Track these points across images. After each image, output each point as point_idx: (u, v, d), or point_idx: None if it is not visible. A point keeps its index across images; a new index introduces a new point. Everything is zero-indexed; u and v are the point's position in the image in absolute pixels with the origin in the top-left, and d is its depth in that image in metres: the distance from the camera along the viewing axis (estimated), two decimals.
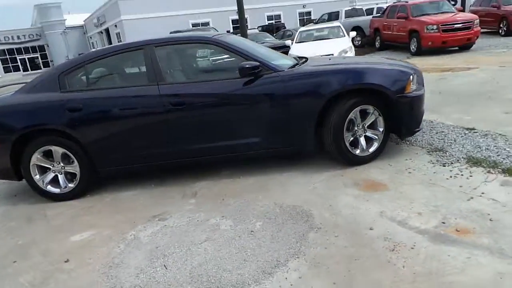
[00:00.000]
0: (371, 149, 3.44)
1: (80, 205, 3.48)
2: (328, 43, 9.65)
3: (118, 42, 28.28)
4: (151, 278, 2.24)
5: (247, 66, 3.18)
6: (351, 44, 9.44)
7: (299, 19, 34.70)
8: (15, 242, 2.95)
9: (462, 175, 2.96)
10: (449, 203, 2.58)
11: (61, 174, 3.58)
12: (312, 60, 3.94)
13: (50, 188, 3.59)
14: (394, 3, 15.26)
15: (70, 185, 3.58)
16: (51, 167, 3.55)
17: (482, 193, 2.64)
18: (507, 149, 3.28)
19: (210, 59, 3.96)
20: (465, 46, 10.16)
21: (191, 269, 2.27)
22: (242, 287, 2.05)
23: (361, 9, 19.62)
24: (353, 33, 10.31)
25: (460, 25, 9.95)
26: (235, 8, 12.14)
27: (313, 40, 10.21)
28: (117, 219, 3.10)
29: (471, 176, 2.92)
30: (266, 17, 34.73)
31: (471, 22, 10.13)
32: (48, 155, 3.51)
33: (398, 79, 3.30)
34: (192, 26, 28.47)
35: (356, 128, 3.38)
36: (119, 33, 31.77)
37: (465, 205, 2.52)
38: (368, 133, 3.43)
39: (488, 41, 11.12)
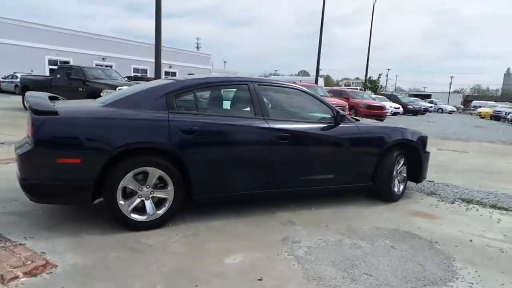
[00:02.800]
0: (401, 189, 4.50)
1: (173, 233, 3.18)
2: None
3: None
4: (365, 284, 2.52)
5: (342, 114, 3.89)
6: None
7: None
8: (157, 269, 2.56)
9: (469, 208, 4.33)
10: (486, 224, 3.81)
11: (148, 199, 3.23)
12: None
13: (133, 215, 3.16)
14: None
15: (158, 212, 3.24)
16: (138, 191, 3.18)
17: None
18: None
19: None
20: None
21: (392, 271, 2.66)
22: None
23: None
24: None
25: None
26: (100, 53, 12.45)
27: None
28: (243, 244, 3.06)
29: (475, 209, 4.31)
30: (132, 69, 34.44)
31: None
32: (138, 177, 3.17)
33: (423, 140, 4.59)
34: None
35: (395, 173, 4.41)
36: None
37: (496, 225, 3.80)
38: (399, 177, 4.51)
39: None
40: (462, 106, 50.25)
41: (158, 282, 2.40)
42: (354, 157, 4.08)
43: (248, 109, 3.70)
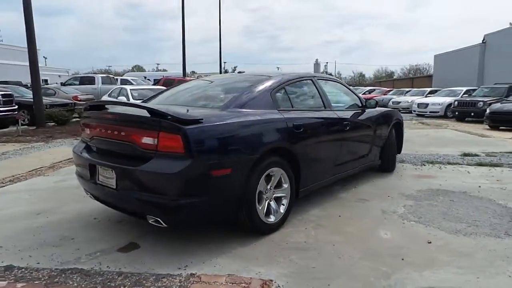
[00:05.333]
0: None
1: (301, 227, 3.27)
2: None
3: None
4: None
5: (365, 100, 4.57)
6: None
7: None
8: (343, 258, 2.70)
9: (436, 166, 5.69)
10: (466, 175, 5.16)
11: (272, 200, 3.21)
12: None
13: (267, 218, 3.11)
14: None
15: (280, 211, 3.25)
16: (265, 193, 3.13)
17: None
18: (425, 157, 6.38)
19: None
20: None
21: (469, 214, 3.50)
22: None
23: (115, 78, 20.33)
24: None
25: None
26: None
27: None
28: (366, 222, 3.42)
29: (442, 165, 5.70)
30: None
31: None
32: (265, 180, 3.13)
33: (401, 116, 5.70)
34: None
35: None
36: None
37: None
38: None
39: None
40: None
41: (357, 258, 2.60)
42: (377, 136, 4.83)
43: (320, 102, 3.97)
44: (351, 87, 4.86)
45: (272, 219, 3.15)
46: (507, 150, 7.17)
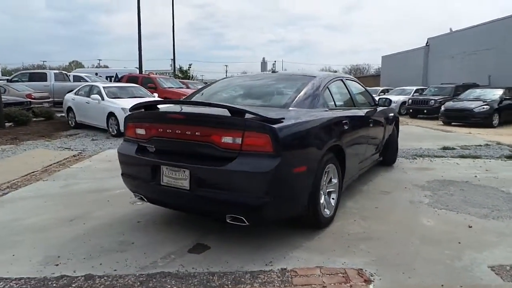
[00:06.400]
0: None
1: (350, 220, 3.46)
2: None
3: None
4: None
5: (386, 101, 4.90)
6: None
7: None
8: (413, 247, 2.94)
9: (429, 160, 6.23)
10: (457, 166, 5.72)
11: (325, 195, 3.35)
12: None
13: (324, 212, 3.25)
14: None
15: (332, 204, 3.41)
16: (321, 188, 3.27)
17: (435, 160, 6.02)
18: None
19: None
20: None
21: (484, 200, 3.95)
22: None
23: (67, 75, 18.99)
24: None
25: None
26: None
27: (128, 97, 10.11)
28: (399, 211, 3.70)
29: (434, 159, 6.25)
30: None
31: None
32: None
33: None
34: None
35: None
36: None
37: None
38: None
39: None
40: None
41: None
42: (386, 132, 5.18)
43: (351, 100, 4.18)
44: (365, 87, 5.15)
45: (327, 212, 3.29)
46: (476, 144, 8.00)
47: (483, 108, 12.39)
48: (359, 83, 4.88)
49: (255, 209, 2.61)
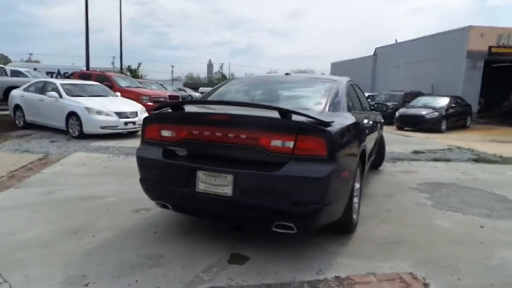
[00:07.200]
0: None
1: (372, 222, 3.49)
2: (120, 100, 9.65)
3: None
4: None
5: (383, 107, 5.05)
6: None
7: None
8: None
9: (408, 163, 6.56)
10: (436, 170, 6.09)
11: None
12: None
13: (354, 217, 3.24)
14: None
15: (356, 208, 3.41)
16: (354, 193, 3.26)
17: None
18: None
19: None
20: None
21: (479, 201, 4.24)
22: None
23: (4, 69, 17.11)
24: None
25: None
26: None
27: (89, 96, 9.36)
28: (410, 213, 3.83)
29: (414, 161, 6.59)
30: None
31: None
32: None
33: None
34: None
35: None
36: None
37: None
38: None
39: None
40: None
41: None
42: (379, 135, 5.35)
43: (359, 104, 4.24)
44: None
45: (354, 216, 3.28)
46: (439, 148, 8.60)
47: (434, 114, 13.41)
48: (359, 88, 4.99)
49: (307, 216, 2.50)
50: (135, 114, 9.02)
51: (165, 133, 2.86)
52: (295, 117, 2.52)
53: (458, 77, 18.23)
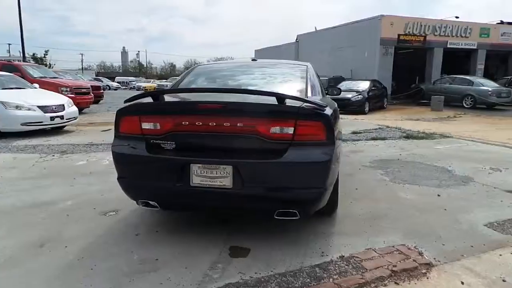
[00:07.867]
0: None
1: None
2: (41, 93, 8.62)
3: None
4: None
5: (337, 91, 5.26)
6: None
7: None
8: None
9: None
10: (383, 148, 6.59)
11: None
12: None
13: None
14: None
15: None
16: None
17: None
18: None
19: None
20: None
21: (427, 176, 4.72)
22: None
23: None
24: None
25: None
26: None
27: (2, 89, 8.13)
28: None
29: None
30: None
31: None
32: None
33: None
34: None
35: None
36: None
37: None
38: None
39: None
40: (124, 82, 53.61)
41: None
42: None
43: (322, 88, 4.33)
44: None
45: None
46: (372, 128, 9.31)
47: (358, 97, 14.46)
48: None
49: (312, 201, 2.52)
50: (62, 107, 8.12)
51: (147, 125, 2.61)
52: (289, 102, 2.49)
53: (373, 63, 19.85)
